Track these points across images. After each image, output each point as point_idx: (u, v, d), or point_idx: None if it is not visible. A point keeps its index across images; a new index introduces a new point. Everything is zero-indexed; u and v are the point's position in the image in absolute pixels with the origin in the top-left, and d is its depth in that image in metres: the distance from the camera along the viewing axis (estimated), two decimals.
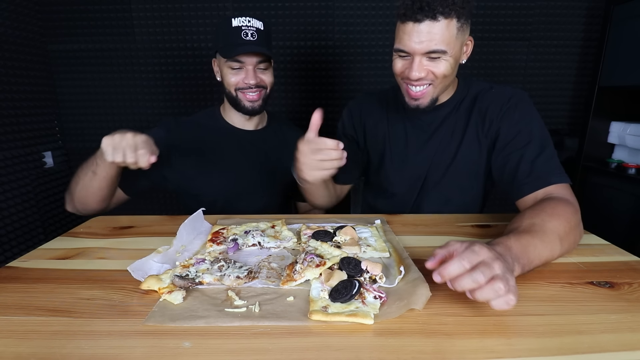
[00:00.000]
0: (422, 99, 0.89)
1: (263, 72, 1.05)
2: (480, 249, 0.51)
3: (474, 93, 0.97)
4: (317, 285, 0.57)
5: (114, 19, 1.82)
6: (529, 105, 0.90)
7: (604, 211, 1.77)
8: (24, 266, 0.66)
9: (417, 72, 0.83)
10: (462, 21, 0.82)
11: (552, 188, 0.78)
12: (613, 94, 1.80)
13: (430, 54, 0.81)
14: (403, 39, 0.82)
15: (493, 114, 0.91)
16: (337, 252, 0.66)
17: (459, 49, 0.84)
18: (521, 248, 0.58)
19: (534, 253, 0.59)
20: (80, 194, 0.90)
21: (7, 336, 0.47)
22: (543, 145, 0.84)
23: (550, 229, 0.64)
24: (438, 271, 0.50)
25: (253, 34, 0.99)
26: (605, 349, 0.44)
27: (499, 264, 0.49)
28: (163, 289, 0.55)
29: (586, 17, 1.84)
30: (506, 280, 0.48)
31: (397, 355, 0.43)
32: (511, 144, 0.86)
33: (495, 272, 0.48)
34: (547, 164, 0.81)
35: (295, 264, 0.62)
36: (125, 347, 0.45)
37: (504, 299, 0.47)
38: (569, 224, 0.67)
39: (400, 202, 1.08)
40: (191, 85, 1.90)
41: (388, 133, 1.06)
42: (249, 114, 1.08)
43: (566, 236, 0.66)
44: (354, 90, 1.92)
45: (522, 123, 0.87)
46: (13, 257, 1.15)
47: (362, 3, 1.81)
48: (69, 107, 1.92)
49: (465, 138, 0.96)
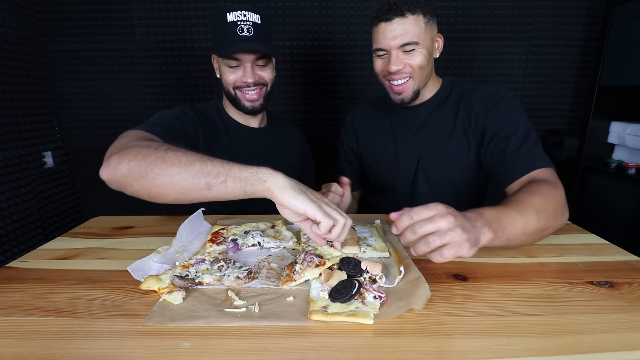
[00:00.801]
0: (405, 92, 0.97)
1: (262, 69, 1.00)
2: (436, 206, 0.56)
3: (458, 92, 1.03)
4: (317, 285, 0.57)
5: (114, 19, 1.82)
6: (511, 101, 0.95)
7: (604, 211, 1.77)
8: (23, 266, 0.66)
9: (395, 65, 0.92)
10: (428, 17, 0.91)
11: (536, 172, 0.82)
12: (613, 94, 1.80)
13: (405, 47, 0.91)
14: (378, 38, 0.93)
15: (478, 111, 0.97)
16: (336, 253, 0.66)
17: (430, 42, 0.94)
18: (494, 214, 0.62)
19: (507, 219, 0.63)
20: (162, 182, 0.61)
21: (7, 336, 0.47)
22: (526, 135, 0.88)
23: (526, 201, 0.68)
24: (394, 223, 0.57)
25: (249, 28, 0.93)
26: (605, 349, 0.44)
27: (448, 220, 0.54)
28: (163, 289, 0.55)
29: (586, 17, 1.84)
30: (449, 235, 0.53)
31: (397, 355, 0.43)
32: (497, 137, 0.92)
33: (440, 226, 0.53)
34: (531, 152, 0.86)
35: (294, 264, 0.62)
36: (125, 347, 0.45)
37: (438, 252, 0.53)
38: (547, 200, 0.70)
39: (393, 197, 1.13)
40: (191, 85, 1.90)
41: (377, 134, 1.13)
42: (249, 114, 1.05)
43: (543, 211, 0.68)
44: (353, 90, 1.92)
45: (506, 117, 0.92)
46: (13, 257, 1.15)
47: (362, 3, 1.81)
48: (69, 107, 1.92)
49: (454, 134, 1.01)
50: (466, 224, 0.56)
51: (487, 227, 0.59)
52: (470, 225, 0.56)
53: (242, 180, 0.59)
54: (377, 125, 1.14)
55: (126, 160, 0.63)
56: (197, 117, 1.00)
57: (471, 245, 0.55)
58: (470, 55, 1.86)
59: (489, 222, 0.59)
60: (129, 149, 0.65)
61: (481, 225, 0.58)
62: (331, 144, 1.98)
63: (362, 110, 1.20)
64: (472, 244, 0.55)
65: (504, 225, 0.62)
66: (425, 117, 1.04)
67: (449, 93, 1.04)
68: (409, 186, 1.09)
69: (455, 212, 0.57)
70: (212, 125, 1.04)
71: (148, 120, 0.88)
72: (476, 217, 0.59)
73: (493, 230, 0.59)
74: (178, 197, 0.63)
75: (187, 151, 0.64)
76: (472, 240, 0.55)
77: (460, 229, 0.54)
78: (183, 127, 0.93)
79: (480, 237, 0.58)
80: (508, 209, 0.65)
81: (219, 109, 1.10)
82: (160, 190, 0.62)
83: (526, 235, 0.66)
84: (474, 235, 0.56)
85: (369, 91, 1.92)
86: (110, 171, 0.64)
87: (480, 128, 0.97)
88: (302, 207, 0.58)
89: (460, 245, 0.54)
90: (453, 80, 1.06)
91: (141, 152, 0.63)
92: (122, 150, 0.65)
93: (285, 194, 0.58)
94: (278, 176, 0.60)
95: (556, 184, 0.78)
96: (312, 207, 0.58)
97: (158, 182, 0.61)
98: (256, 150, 1.09)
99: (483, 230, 0.58)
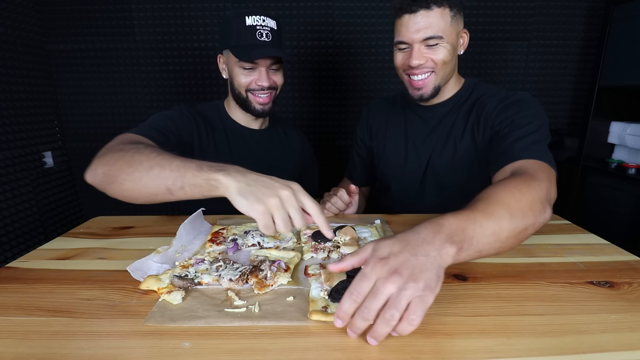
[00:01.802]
0: (425, 87, 0.92)
1: (275, 73, 1.02)
2: (373, 266, 0.45)
3: (478, 95, 0.97)
4: (317, 285, 0.57)
5: (114, 19, 1.82)
6: (527, 102, 0.88)
7: (604, 211, 1.77)
8: (23, 266, 0.66)
9: (416, 59, 0.87)
10: (454, 11, 0.87)
11: (520, 163, 0.73)
12: (613, 94, 1.80)
13: (428, 41, 0.86)
14: (401, 31, 0.88)
15: (489, 115, 0.91)
16: (275, 253, 0.69)
17: (455, 37, 0.89)
18: (456, 223, 0.50)
19: (473, 227, 0.51)
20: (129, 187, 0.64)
21: (7, 336, 0.47)
22: (531, 131, 0.80)
23: (495, 199, 0.56)
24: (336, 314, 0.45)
25: (268, 34, 0.94)
26: (605, 349, 0.44)
27: (394, 280, 0.43)
28: (162, 289, 0.55)
29: (586, 17, 1.84)
30: (405, 298, 0.42)
31: (397, 355, 0.43)
32: (502, 132, 0.85)
33: (388, 292, 0.42)
34: (527, 145, 0.77)
35: (259, 271, 0.60)
36: (125, 347, 0.45)
37: (406, 322, 0.42)
38: (521, 194, 0.59)
39: (401, 197, 1.10)
40: (191, 85, 1.90)
41: (390, 130, 1.10)
42: (259, 116, 1.05)
43: (518, 209, 0.56)
44: (353, 90, 1.92)
45: (517, 115, 0.85)
46: (13, 257, 1.15)
47: (362, 3, 1.81)
48: (69, 107, 1.92)
49: (463, 139, 0.97)
50: (415, 261, 0.45)
51: (449, 243, 0.48)
52: (423, 255, 0.45)
53: (197, 187, 0.59)
54: (392, 121, 1.10)
55: (101, 166, 0.66)
56: (194, 118, 1.00)
57: (434, 286, 0.44)
58: (470, 55, 1.86)
59: (450, 236, 0.48)
60: (106, 154, 0.68)
61: (440, 244, 0.47)
62: (334, 145, 1.98)
63: (379, 104, 1.16)
64: (435, 282, 0.44)
65: (469, 235, 0.50)
66: (440, 119, 1.00)
67: (469, 96, 0.99)
68: (416, 187, 1.06)
69: (395, 252, 0.46)
70: (209, 126, 1.04)
71: (144, 122, 0.90)
72: (432, 234, 0.48)
73: (456, 243, 0.48)
74: (148, 200, 0.64)
75: (151, 154, 0.63)
76: (433, 279, 0.44)
77: (412, 281, 0.43)
78: (177, 129, 0.93)
79: (440, 261, 0.46)
80: (473, 213, 0.53)
81: (220, 109, 1.09)
82: (129, 195, 0.65)
83: (500, 242, 0.53)
84: (432, 270, 0.45)
85: (370, 91, 1.92)
86: (91, 175, 0.68)
87: (489, 131, 0.91)
88: (248, 211, 0.55)
89: (423, 298, 0.43)
90: (476, 81, 1.01)
91: (113, 157, 0.65)
92: (102, 156, 0.68)
93: (235, 199, 0.56)
94: (229, 180, 0.56)
95: (536, 174, 0.67)
96: (256, 211, 0.54)
97: (125, 187, 0.63)
98: (255, 151, 1.09)
99: (443, 249, 0.47)
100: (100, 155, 0.68)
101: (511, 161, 0.75)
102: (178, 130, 0.93)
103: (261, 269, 0.61)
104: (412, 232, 0.49)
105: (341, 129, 1.98)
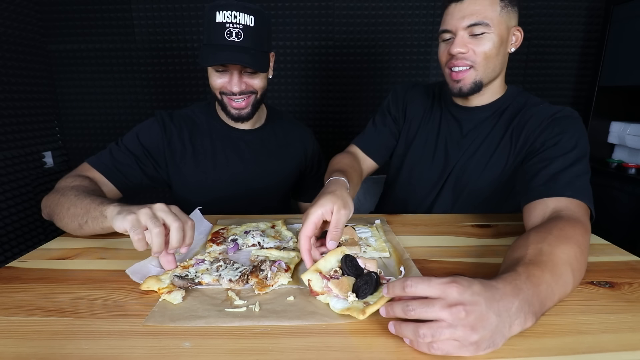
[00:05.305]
0: (463, 81, 0.86)
1: (251, 77, 0.91)
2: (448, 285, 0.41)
3: (521, 104, 0.90)
4: (336, 299, 0.53)
5: (114, 19, 1.82)
6: (574, 121, 0.82)
7: (604, 211, 1.76)
8: (23, 266, 0.66)
9: (458, 47, 0.82)
10: (506, 2, 0.82)
11: (565, 202, 0.68)
12: (613, 94, 1.80)
13: (473, 29, 0.81)
14: (445, 19, 0.85)
15: (530, 129, 0.84)
16: (275, 253, 0.68)
17: (504, 31, 0.83)
18: (532, 289, 0.46)
19: (547, 292, 0.47)
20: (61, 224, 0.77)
21: (7, 336, 0.47)
22: (575, 161, 0.75)
23: (561, 258, 0.52)
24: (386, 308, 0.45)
25: (239, 33, 0.82)
26: (606, 349, 0.44)
27: (456, 313, 0.39)
28: (162, 289, 0.55)
29: (586, 17, 1.84)
30: (448, 332, 0.39)
31: (397, 355, 0.43)
32: (543, 153, 0.79)
33: (440, 316, 0.40)
34: (571, 179, 0.72)
35: (259, 271, 0.60)
36: (125, 347, 0.45)
37: (427, 346, 0.40)
38: (580, 248, 0.56)
39: (416, 195, 1.03)
40: (191, 86, 1.90)
41: (423, 125, 1.03)
42: (236, 120, 0.97)
43: (578, 264, 0.54)
44: (353, 90, 1.92)
45: (564, 135, 0.79)
46: (13, 257, 1.15)
47: (362, 3, 1.81)
48: (69, 107, 1.93)
49: (497, 151, 0.90)
50: (486, 312, 0.40)
51: (531, 314, 0.44)
52: (494, 316, 0.41)
53: (95, 219, 0.68)
54: (427, 114, 1.02)
55: (44, 207, 0.82)
56: (167, 126, 0.99)
57: (481, 349, 0.40)
58: None
59: (529, 304, 0.44)
60: (48, 196, 0.82)
61: (516, 311, 0.42)
62: (334, 145, 1.98)
63: (418, 91, 1.06)
64: (486, 346, 0.40)
65: (543, 302, 0.46)
66: (477, 123, 0.94)
67: (510, 103, 0.92)
68: (433, 188, 0.99)
69: (475, 295, 0.41)
70: (192, 130, 1.01)
71: (108, 146, 0.97)
72: (510, 298, 0.43)
73: (535, 315, 0.44)
74: (80, 234, 0.76)
75: (71, 196, 0.75)
76: (485, 342, 0.40)
77: (469, 329, 0.39)
78: (142, 146, 0.96)
79: (508, 330, 0.42)
80: (544, 274, 0.48)
81: (211, 110, 1.05)
82: (66, 229, 0.77)
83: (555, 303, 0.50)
84: (494, 335, 0.41)
85: (370, 91, 1.92)
86: (42, 212, 0.83)
87: (527, 148, 0.84)
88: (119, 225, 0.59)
89: (461, 348, 0.40)
90: (519, 91, 0.94)
91: (49, 199, 0.80)
92: (46, 197, 0.83)
93: (113, 219, 0.61)
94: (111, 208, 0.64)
95: (585, 223, 0.63)
96: (125, 221, 0.58)
97: (60, 224, 0.77)
98: (242, 153, 1.04)
99: (518, 318, 0.42)
100: (46, 196, 0.82)
101: (553, 195, 0.70)
102: (143, 147, 0.96)
103: (261, 269, 0.61)
104: (491, 283, 0.44)
105: (341, 129, 1.99)
